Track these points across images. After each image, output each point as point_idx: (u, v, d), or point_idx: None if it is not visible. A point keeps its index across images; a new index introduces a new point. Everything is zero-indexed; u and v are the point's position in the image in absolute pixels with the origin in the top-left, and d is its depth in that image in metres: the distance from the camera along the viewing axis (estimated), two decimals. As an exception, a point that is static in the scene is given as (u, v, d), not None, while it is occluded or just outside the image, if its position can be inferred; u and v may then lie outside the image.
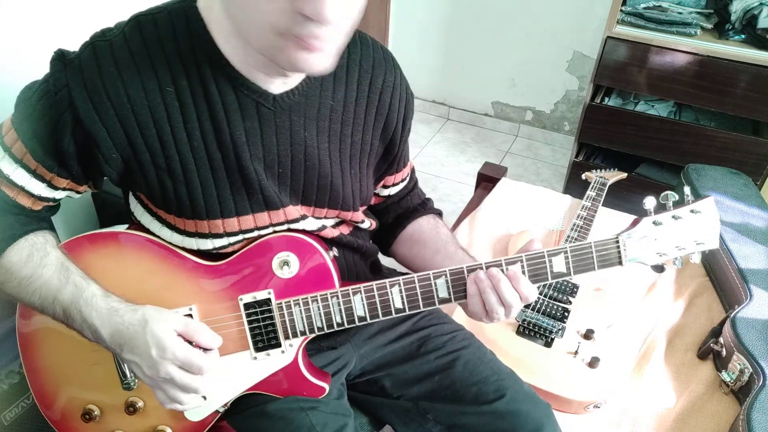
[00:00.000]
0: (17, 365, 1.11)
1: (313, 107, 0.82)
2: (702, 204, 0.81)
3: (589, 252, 0.80)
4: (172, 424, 0.89)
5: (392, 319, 1.04)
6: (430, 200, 1.09)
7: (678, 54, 2.09)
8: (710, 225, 0.81)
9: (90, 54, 0.73)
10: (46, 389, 0.89)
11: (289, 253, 0.83)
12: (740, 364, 1.17)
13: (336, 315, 0.83)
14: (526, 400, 0.94)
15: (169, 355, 0.75)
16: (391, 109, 0.89)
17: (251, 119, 0.78)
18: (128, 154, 0.76)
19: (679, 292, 1.46)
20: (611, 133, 2.33)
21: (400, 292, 0.82)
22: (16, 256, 0.79)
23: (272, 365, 0.86)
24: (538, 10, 2.76)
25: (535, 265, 0.80)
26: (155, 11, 0.76)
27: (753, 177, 2.08)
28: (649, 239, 0.81)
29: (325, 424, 0.88)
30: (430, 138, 3.13)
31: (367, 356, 1.01)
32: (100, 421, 0.89)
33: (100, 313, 0.77)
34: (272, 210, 0.83)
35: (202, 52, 0.74)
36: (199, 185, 0.78)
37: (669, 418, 1.17)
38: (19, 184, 0.78)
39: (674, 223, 0.81)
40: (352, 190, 0.89)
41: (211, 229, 0.81)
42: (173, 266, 0.84)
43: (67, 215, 1.45)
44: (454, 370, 0.97)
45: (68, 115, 0.73)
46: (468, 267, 0.81)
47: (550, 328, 1.26)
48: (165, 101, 0.74)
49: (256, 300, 0.83)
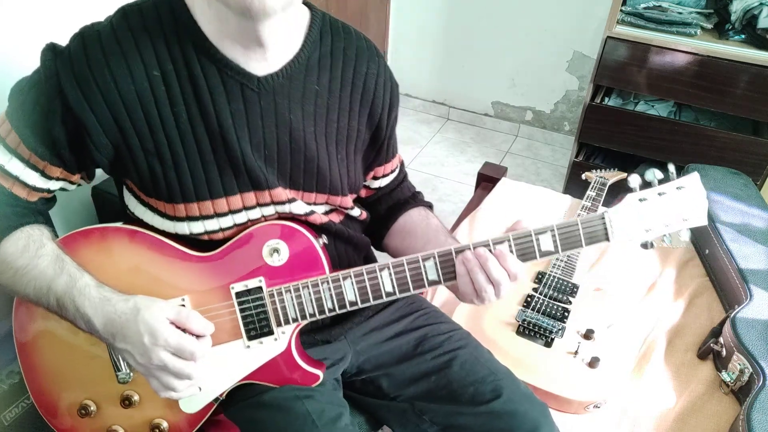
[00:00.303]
0: (17, 365, 1.10)
1: (297, 90, 0.83)
2: (687, 180, 0.80)
3: (576, 229, 0.81)
4: (168, 417, 0.89)
5: (388, 317, 1.05)
6: (420, 193, 1.10)
7: (678, 54, 2.09)
8: (696, 201, 0.80)
9: (78, 43, 0.76)
10: (43, 387, 0.90)
11: (278, 240, 0.84)
12: (740, 364, 1.17)
13: (327, 301, 0.84)
14: (523, 400, 0.94)
15: (161, 342, 0.76)
16: (375, 96, 0.91)
17: (236, 101, 0.80)
18: (118, 139, 0.78)
19: (679, 292, 1.46)
20: (611, 133, 2.33)
21: (390, 275, 0.83)
22: (12, 247, 0.80)
23: (266, 353, 0.87)
24: (538, 10, 2.75)
25: (523, 243, 0.81)
26: (141, 2, 0.79)
27: (753, 177, 2.08)
28: (635, 215, 0.80)
29: (322, 411, 0.88)
30: (430, 138, 3.13)
31: (363, 353, 1.01)
32: (96, 416, 0.89)
33: (93, 303, 0.78)
34: (258, 190, 0.84)
35: (187, 35, 0.77)
36: (187, 168, 0.80)
37: (669, 418, 1.17)
38: (14, 174, 0.80)
39: (659, 200, 0.80)
40: (340, 174, 0.91)
41: (201, 211, 0.83)
42: (165, 259, 0.85)
43: (67, 215, 1.46)
44: (450, 369, 0.97)
45: (58, 102, 0.76)
46: (456, 248, 0.82)
47: (550, 328, 1.26)
48: (152, 85, 0.77)
49: (247, 288, 0.84)
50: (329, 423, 0.87)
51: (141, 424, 0.89)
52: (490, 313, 1.29)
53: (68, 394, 0.89)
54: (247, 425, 0.91)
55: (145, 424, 0.89)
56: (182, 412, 0.87)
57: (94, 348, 0.87)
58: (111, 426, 0.89)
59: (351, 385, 1.03)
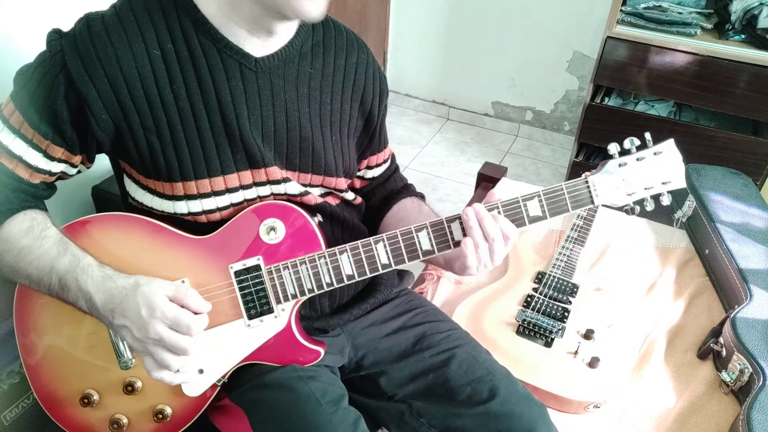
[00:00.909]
0: (17, 365, 1.11)
1: (292, 72, 0.87)
2: (663, 146, 0.86)
3: (561, 194, 0.86)
4: (171, 402, 0.89)
5: (387, 313, 1.06)
6: (412, 185, 1.15)
7: (678, 54, 2.09)
8: (673, 165, 0.86)
9: (83, 24, 0.79)
10: (45, 379, 0.90)
11: (275, 219, 0.87)
12: (740, 364, 1.17)
13: (325, 275, 0.87)
14: (520, 400, 0.94)
15: (159, 314, 0.77)
16: (366, 84, 0.97)
17: (235, 80, 0.83)
18: (118, 116, 0.80)
19: (679, 292, 1.46)
20: (611, 133, 2.33)
21: (384, 247, 0.86)
22: (16, 227, 0.82)
23: (266, 332, 0.88)
24: (538, 10, 2.76)
25: (512, 210, 0.85)
26: None
27: (753, 177, 2.08)
28: (617, 179, 0.86)
29: (325, 391, 0.89)
30: (430, 138, 3.13)
31: (361, 348, 1.02)
32: (99, 405, 0.90)
33: (95, 280, 0.79)
34: (255, 168, 0.87)
35: (186, 16, 0.80)
36: (186, 146, 0.83)
37: (669, 418, 1.17)
38: (17, 153, 0.81)
39: (639, 165, 0.86)
40: (334, 156, 0.94)
41: (199, 189, 0.85)
42: (164, 242, 0.86)
43: (67, 215, 1.45)
44: (448, 368, 0.97)
45: (61, 77, 0.78)
46: (447, 218, 0.86)
47: (550, 328, 1.26)
48: (152, 64, 0.80)
49: (245, 267, 0.86)
50: (332, 403, 0.88)
51: (144, 411, 0.90)
52: (490, 313, 1.29)
53: (70, 385, 0.90)
54: (251, 407, 0.91)
55: (149, 411, 0.89)
56: (185, 396, 0.88)
57: (95, 336, 0.87)
58: (114, 415, 0.89)
59: (350, 384, 1.03)
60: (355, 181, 1.08)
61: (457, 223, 0.86)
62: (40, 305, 0.88)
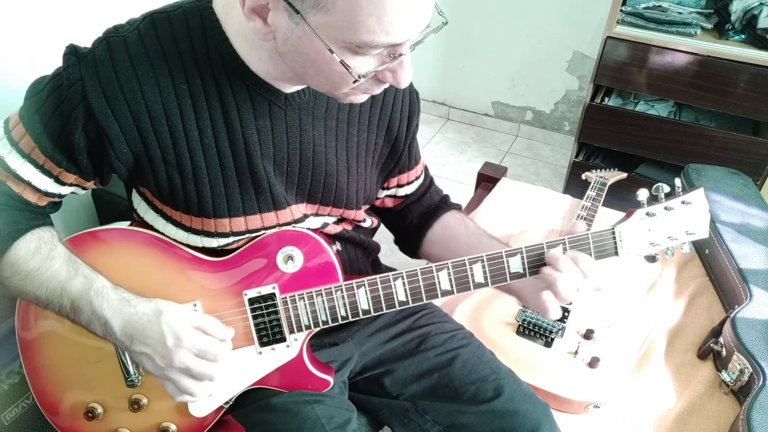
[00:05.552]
0: (17, 365, 1.11)
1: (321, 106, 0.83)
2: (692, 195, 0.83)
3: (587, 242, 0.82)
4: (176, 421, 0.89)
5: (393, 317, 1.05)
6: (448, 196, 1.10)
7: (678, 54, 2.09)
8: (700, 215, 0.83)
9: (104, 49, 0.73)
10: (47, 389, 0.89)
11: (293, 247, 0.83)
12: (740, 364, 1.17)
13: (340, 309, 0.84)
14: (525, 399, 0.95)
15: (186, 344, 0.75)
16: (394, 109, 0.91)
17: (263, 118, 0.78)
18: (139, 149, 0.76)
19: (679, 292, 1.46)
20: (611, 133, 2.33)
21: (403, 285, 0.83)
22: (23, 249, 0.78)
23: (277, 360, 0.86)
24: (538, 10, 2.76)
25: (535, 255, 0.81)
26: (170, 9, 0.76)
27: (753, 177, 2.08)
28: (643, 230, 0.83)
29: (331, 416, 0.88)
30: (430, 138, 3.13)
31: (368, 353, 1.02)
32: (104, 420, 0.89)
33: (112, 304, 0.76)
34: (279, 210, 0.83)
35: (217, 51, 0.74)
36: (208, 183, 0.79)
37: (669, 418, 1.17)
38: (26, 179, 0.78)
39: (666, 214, 0.82)
40: (356, 189, 0.91)
41: (217, 228, 0.81)
42: (177, 262, 0.84)
43: (67, 215, 1.45)
44: (453, 368, 0.97)
45: (81, 109, 0.73)
46: (469, 259, 0.81)
47: (550, 328, 1.26)
48: (178, 98, 0.75)
49: (260, 295, 0.83)
50: (338, 428, 0.87)
51: (149, 428, 0.89)
52: (490, 313, 1.29)
53: (74, 397, 0.89)
54: (254, 428, 0.90)
55: (153, 428, 0.89)
56: (191, 416, 0.87)
57: (101, 351, 0.86)
58: (118, 429, 0.89)
59: (354, 385, 1.03)
60: (387, 200, 1.04)
61: (479, 264, 0.82)
62: (45, 314, 0.86)
